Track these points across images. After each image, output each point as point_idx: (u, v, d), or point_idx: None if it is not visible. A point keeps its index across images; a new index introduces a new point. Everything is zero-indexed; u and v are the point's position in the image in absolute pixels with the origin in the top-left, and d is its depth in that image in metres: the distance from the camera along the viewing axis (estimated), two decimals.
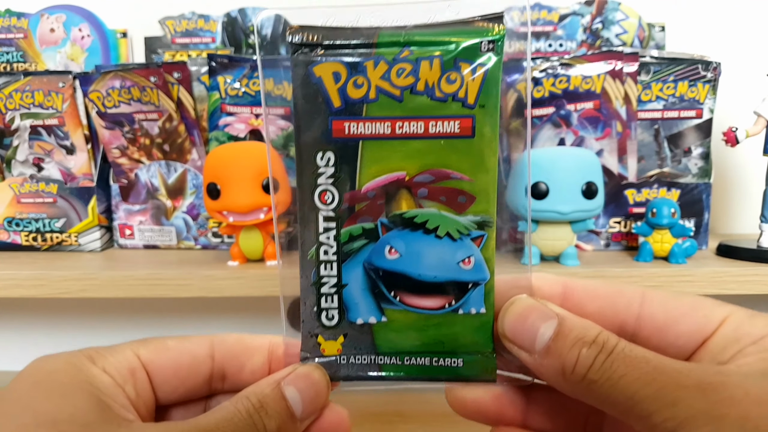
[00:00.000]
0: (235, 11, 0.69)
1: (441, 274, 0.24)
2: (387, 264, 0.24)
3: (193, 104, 0.60)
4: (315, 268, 0.24)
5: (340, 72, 0.23)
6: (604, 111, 0.57)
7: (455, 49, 0.23)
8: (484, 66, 0.23)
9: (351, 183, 0.23)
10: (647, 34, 0.67)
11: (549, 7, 0.68)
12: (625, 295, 0.24)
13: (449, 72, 0.23)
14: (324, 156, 0.23)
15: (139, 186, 0.61)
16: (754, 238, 0.57)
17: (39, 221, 0.61)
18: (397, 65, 0.23)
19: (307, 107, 0.23)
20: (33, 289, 0.52)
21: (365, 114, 0.23)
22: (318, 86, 0.23)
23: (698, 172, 0.59)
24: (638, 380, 0.19)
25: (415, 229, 0.24)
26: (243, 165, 0.51)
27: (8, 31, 0.69)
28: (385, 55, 0.23)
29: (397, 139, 0.23)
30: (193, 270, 0.52)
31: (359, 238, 0.24)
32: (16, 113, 0.61)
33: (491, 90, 0.23)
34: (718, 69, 0.57)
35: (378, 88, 0.23)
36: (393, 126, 0.23)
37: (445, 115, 0.23)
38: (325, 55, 0.23)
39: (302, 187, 0.24)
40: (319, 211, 0.24)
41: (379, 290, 0.24)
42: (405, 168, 0.23)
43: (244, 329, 0.82)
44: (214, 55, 0.59)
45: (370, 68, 0.23)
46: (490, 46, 0.23)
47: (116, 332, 0.75)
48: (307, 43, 0.23)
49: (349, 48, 0.23)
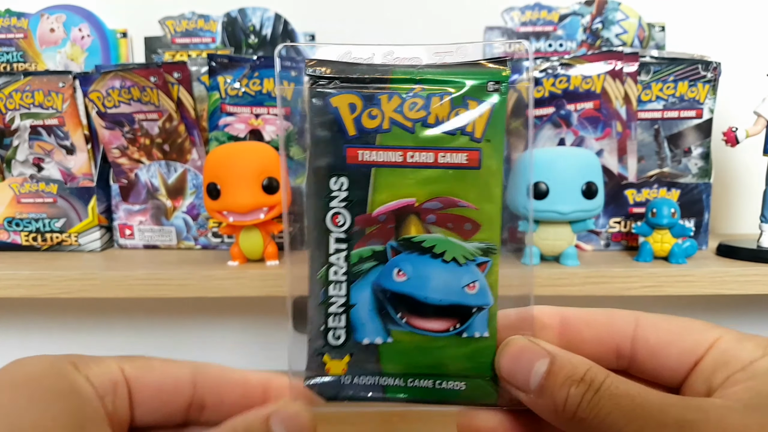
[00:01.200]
0: (235, 11, 0.69)
1: (446, 297, 0.24)
2: (395, 286, 0.25)
3: (193, 104, 0.60)
4: (324, 287, 0.25)
5: (355, 103, 0.24)
6: (604, 111, 0.57)
7: (464, 88, 0.24)
8: (490, 104, 0.24)
9: (362, 207, 0.24)
10: (647, 34, 0.67)
11: (549, 7, 0.68)
12: (620, 320, 0.25)
13: (458, 108, 0.24)
14: (338, 181, 0.24)
15: (139, 186, 0.61)
16: (754, 238, 0.57)
17: (39, 221, 0.61)
18: (410, 100, 0.24)
19: (323, 135, 0.24)
20: (33, 289, 0.52)
21: (378, 143, 0.24)
22: (334, 116, 0.24)
23: (698, 172, 0.59)
24: (623, 417, 0.20)
25: (423, 253, 0.25)
26: (243, 165, 0.51)
27: (8, 31, 0.69)
28: (399, 90, 0.24)
29: (407, 168, 0.24)
30: (193, 270, 0.52)
31: (369, 260, 0.25)
32: (16, 113, 0.61)
33: (497, 126, 0.24)
34: (718, 69, 0.57)
35: (391, 119, 0.24)
36: (404, 155, 0.24)
37: (454, 147, 0.24)
38: (343, 88, 0.24)
39: (315, 209, 0.25)
40: (331, 233, 0.25)
41: (386, 311, 0.25)
42: (415, 195, 0.24)
43: (244, 329, 0.83)
44: (214, 55, 0.59)
45: (384, 101, 0.24)
46: (495, 86, 0.25)
47: (116, 332, 0.75)
48: (325, 76, 0.25)
49: (365, 82, 0.24)
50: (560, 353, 0.23)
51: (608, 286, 0.51)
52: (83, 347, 0.75)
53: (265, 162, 0.52)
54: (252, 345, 0.75)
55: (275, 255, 0.54)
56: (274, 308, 0.75)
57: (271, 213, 0.52)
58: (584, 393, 0.21)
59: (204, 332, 0.75)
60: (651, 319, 0.24)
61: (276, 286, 0.51)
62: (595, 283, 0.51)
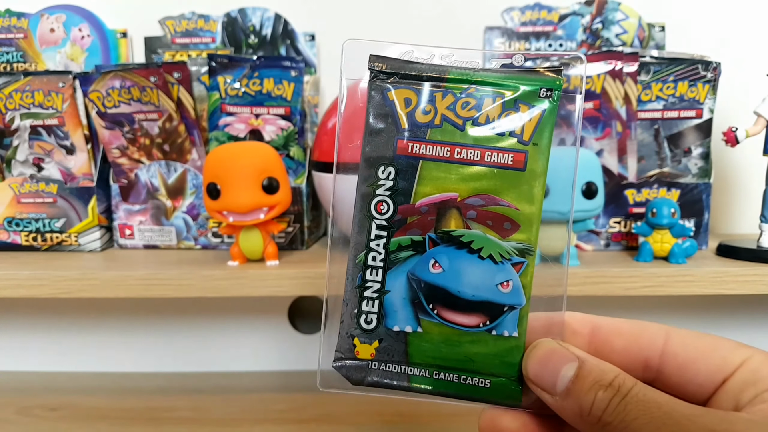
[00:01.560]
0: (235, 11, 0.69)
1: (479, 293, 0.25)
2: (430, 277, 0.25)
3: (193, 104, 0.60)
4: (361, 272, 0.26)
5: (411, 99, 0.26)
6: (604, 111, 0.57)
7: (517, 92, 0.25)
8: (540, 109, 0.25)
9: (407, 197, 0.25)
10: (647, 34, 0.67)
11: (549, 7, 0.68)
12: (649, 333, 0.25)
13: (509, 110, 0.25)
14: (386, 170, 0.26)
15: (139, 186, 0.61)
16: (754, 238, 0.57)
17: (39, 221, 0.61)
18: (463, 99, 0.25)
19: (378, 126, 0.26)
20: (33, 289, 0.52)
21: (428, 137, 0.25)
22: (390, 108, 0.26)
23: (698, 172, 0.59)
24: (649, 424, 0.20)
25: (460, 247, 0.25)
26: (243, 165, 0.51)
27: (8, 31, 0.69)
28: (454, 89, 0.26)
29: (454, 163, 0.25)
30: (193, 270, 0.52)
31: (407, 248, 0.25)
32: (16, 113, 0.61)
33: (545, 131, 0.25)
34: (718, 69, 0.57)
35: (443, 116, 0.25)
36: (452, 151, 0.25)
37: (501, 147, 0.25)
38: (401, 83, 0.26)
39: (362, 196, 0.26)
40: (374, 219, 0.26)
41: (418, 301, 0.25)
42: (458, 190, 0.25)
43: (243, 329, 0.83)
44: (214, 55, 0.59)
45: (438, 98, 0.26)
46: (547, 93, 0.26)
47: (116, 332, 0.75)
48: (386, 72, 0.26)
49: (422, 79, 0.26)
50: (589, 358, 0.23)
51: (608, 286, 0.51)
52: (83, 347, 0.75)
53: (265, 162, 0.52)
54: (252, 345, 0.75)
55: (275, 255, 0.54)
56: (275, 308, 0.75)
57: (271, 213, 0.52)
58: (611, 398, 0.21)
59: (204, 332, 0.75)
60: (681, 334, 0.25)
61: (276, 286, 0.51)
62: (595, 283, 0.51)
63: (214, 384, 0.71)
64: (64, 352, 0.76)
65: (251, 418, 0.62)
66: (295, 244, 0.61)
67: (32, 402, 0.67)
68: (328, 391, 0.26)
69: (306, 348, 0.75)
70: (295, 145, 0.60)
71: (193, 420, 0.62)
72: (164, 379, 0.73)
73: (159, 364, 0.75)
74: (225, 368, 0.75)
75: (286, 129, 0.60)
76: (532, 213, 0.25)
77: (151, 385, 0.71)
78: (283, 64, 0.59)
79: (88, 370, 0.75)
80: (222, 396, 0.68)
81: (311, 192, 0.62)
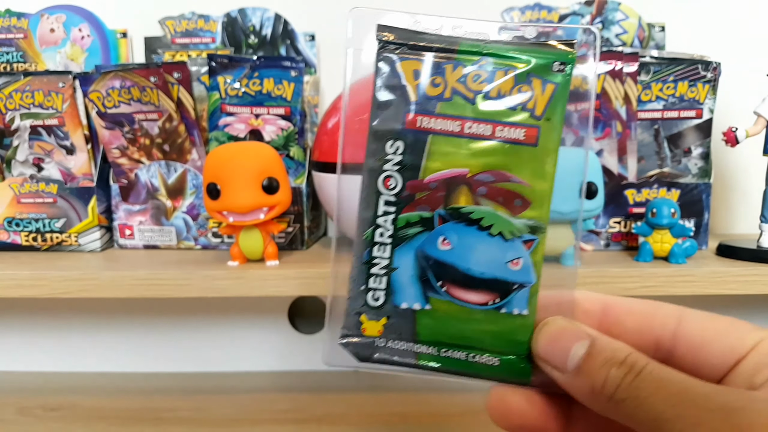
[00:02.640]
0: (235, 11, 0.69)
1: (489, 271, 0.24)
2: (439, 254, 0.25)
3: (193, 104, 0.60)
4: (368, 248, 0.25)
5: (420, 70, 0.25)
6: (603, 111, 0.57)
7: (529, 65, 0.25)
8: (554, 83, 0.25)
9: (415, 172, 0.25)
10: (647, 34, 0.67)
11: (549, 7, 0.68)
12: (662, 313, 0.25)
13: (521, 84, 0.24)
14: (394, 144, 0.25)
15: (139, 186, 0.61)
16: (754, 238, 0.57)
17: (39, 221, 0.61)
18: (474, 71, 0.25)
19: (386, 98, 0.25)
20: (33, 289, 0.53)
21: (438, 111, 0.24)
22: (399, 80, 0.25)
23: (698, 172, 0.59)
24: (664, 401, 0.20)
25: (470, 224, 0.25)
26: (243, 165, 0.51)
27: (8, 31, 0.69)
28: (464, 61, 0.25)
29: (464, 138, 0.24)
30: (193, 270, 0.52)
31: (415, 225, 0.25)
32: (16, 113, 0.61)
33: (558, 106, 0.25)
34: (718, 69, 0.57)
35: (453, 89, 0.24)
36: (462, 125, 0.24)
37: (513, 122, 0.24)
38: (409, 54, 0.25)
39: (369, 171, 0.25)
40: (381, 195, 0.25)
41: (427, 278, 0.25)
42: (468, 165, 0.24)
43: (243, 329, 0.83)
44: (214, 56, 0.59)
45: (448, 70, 0.25)
46: (561, 66, 0.25)
47: (116, 332, 0.75)
48: (394, 42, 0.25)
49: (432, 51, 0.25)
50: (601, 337, 0.23)
51: (608, 286, 0.51)
52: (83, 347, 0.75)
53: (265, 162, 0.52)
54: (252, 345, 0.75)
55: (275, 255, 0.54)
56: (275, 308, 0.75)
57: (271, 213, 0.52)
58: (624, 375, 0.21)
59: (204, 332, 0.75)
60: (696, 315, 0.24)
61: (276, 286, 0.51)
62: (595, 283, 0.51)
63: (215, 384, 0.71)
64: (64, 352, 0.76)
65: (251, 418, 0.62)
66: (295, 244, 0.61)
67: (32, 402, 0.67)
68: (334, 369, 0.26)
69: (306, 348, 0.75)
70: (295, 145, 0.60)
71: (193, 420, 0.62)
72: (164, 379, 0.73)
73: (159, 364, 0.75)
74: (225, 368, 0.75)
75: (286, 129, 0.60)
76: (544, 190, 0.25)
77: (151, 385, 0.71)
78: (283, 64, 0.59)
79: (88, 370, 0.75)
80: (222, 396, 0.68)
81: (311, 192, 0.62)
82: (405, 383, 0.70)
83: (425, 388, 0.68)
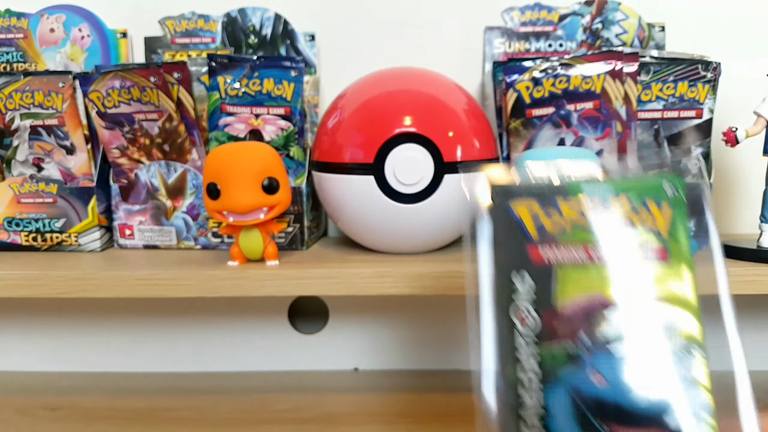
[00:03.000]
0: (235, 11, 0.69)
1: (652, 402, 0.23)
2: (595, 392, 0.23)
3: (193, 104, 0.60)
4: (514, 389, 0.24)
5: (536, 209, 0.26)
6: (604, 111, 0.57)
7: (643, 192, 0.26)
8: (669, 203, 0.26)
9: (549, 304, 0.24)
10: (647, 34, 0.67)
11: (549, 7, 0.68)
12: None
13: (639, 208, 0.26)
14: (521, 279, 0.25)
15: (139, 186, 0.61)
16: (753, 238, 0.57)
17: (39, 221, 0.61)
18: (590, 203, 0.26)
19: (507, 238, 0.26)
20: (33, 289, 0.53)
21: (561, 243, 0.25)
22: (516, 220, 0.26)
23: (698, 172, 0.59)
24: None
25: (620, 354, 0.23)
26: (243, 165, 0.51)
27: (8, 31, 0.69)
28: (577, 195, 0.26)
29: (592, 264, 0.25)
30: (193, 270, 0.52)
31: (561, 360, 0.24)
32: (16, 113, 0.61)
33: (679, 223, 0.26)
34: (718, 69, 0.57)
35: (572, 221, 0.26)
36: (588, 252, 0.25)
37: (639, 242, 0.25)
38: (523, 195, 0.26)
39: (500, 307, 0.25)
40: (516, 329, 0.24)
41: (588, 421, 0.23)
42: (603, 290, 0.24)
43: (243, 329, 0.83)
44: (214, 55, 0.59)
45: (563, 205, 0.26)
46: (674, 190, 0.26)
47: (116, 332, 0.75)
48: (507, 187, 0.26)
49: (543, 190, 0.26)
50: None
51: None
52: (84, 347, 0.75)
53: (265, 162, 0.52)
54: (252, 345, 0.75)
55: (275, 255, 0.54)
56: (275, 308, 0.75)
57: (271, 213, 0.52)
58: None
59: (204, 332, 0.75)
60: None
61: (276, 286, 0.51)
62: None
63: (214, 384, 0.71)
64: (64, 352, 0.76)
65: (251, 418, 0.62)
66: (295, 244, 0.61)
67: (32, 402, 0.67)
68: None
69: (306, 348, 0.75)
70: (295, 145, 0.60)
71: (193, 420, 0.62)
72: (164, 379, 0.73)
73: (159, 364, 0.75)
74: (225, 368, 0.75)
75: (286, 129, 0.60)
76: (691, 306, 0.24)
77: (151, 385, 0.71)
78: (283, 64, 0.59)
79: (88, 370, 0.75)
80: (222, 396, 0.68)
81: (311, 192, 0.62)
82: (405, 383, 0.71)
83: (425, 388, 0.68)
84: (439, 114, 0.54)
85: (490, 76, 0.63)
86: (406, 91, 0.56)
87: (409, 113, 0.53)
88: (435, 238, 0.57)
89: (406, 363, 0.75)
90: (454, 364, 0.74)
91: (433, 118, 0.53)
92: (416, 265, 0.53)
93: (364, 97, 0.56)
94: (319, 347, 0.75)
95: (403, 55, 0.70)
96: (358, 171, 0.52)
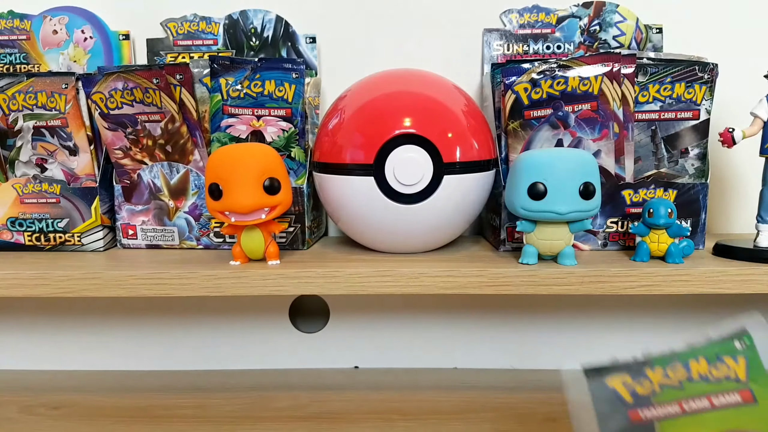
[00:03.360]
0: (237, 13, 0.70)
1: None
2: None
3: (195, 105, 0.61)
4: None
5: (627, 381, 0.32)
6: (601, 112, 0.57)
7: (716, 350, 0.31)
8: (743, 355, 0.31)
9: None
10: (644, 35, 0.68)
11: (547, 9, 0.68)
12: None
13: (716, 363, 0.31)
14: None
15: (141, 186, 0.62)
16: (750, 238, 0.57)
17: (42, 221, 0.62)
18: (671, 367, 0.32)
19: (606, 408, 0.31)
20: (36, 289, 0.53)
21: (655, 402, 0.31)
22: (612, 393, 0.32)
23: (695, 172, 0.59)
24: None
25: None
26: (245, 166, 0.51)
27: (11, 32, 0.69)
28: (661, 365, 0.32)
29: (687, 416, 0.30)
30: (195, 269, 0.53)
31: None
32: (19, 114, 0.61)
33: (756, 369, 0.30)
34: (714, 70, 0.57)
35: (660, 384, 0.31)
36: (681, 406, 0.31)
37: (725, 391, 0.30)
38: (613, 371, 0.33)
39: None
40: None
41: None
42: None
43: (245, 328, 0.83)
44: (215, 57, 0.60)
45: (650, 373, 0.32)
46: (743, 344, 0.31)
47: (119, 331, 0.76)
48: (601, 367, 0.33)
49: (631, 366, 0.33)
50: None
51: (605, 286, 0.51)
52: (86, 347, 0.76)
53: (267, 163, 0.52)
54: (253, 344, 0.76)
55: (276, 255, 0.55)
56: (275, 308, 0.75)
57: (273, 213, 0.53)
58: None
59: (205, 331, 0.75)
60: None
61: (277, 286, 0.52)
62: (593, 283, 0.51)
63: (216, 382, 0.72)
64: (67, 351, 0.76)
65: (252, 416, 0.63)
66: (296, 244, 0.61)
67: (35, 400, 0.67)
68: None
69: (307, 346, 0.76)
70: (296, 146, 0.61)
71: (194, 418, 0.63)
72: (166, 377, 0.73)
73: (161, 363, 0.76)
74: (226, 367, 0.76)
75: (287, 130, 0.60)
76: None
77: (154, 383, 0.72)
78: (284, 66, 0.60)
79: (91, 368, 0.76)
80: (223, 394, 0.68)
81: (312, 192, 0.62)
82: (405, 382, 0.71)
83: (425, 387, 0.69)
84: (438, 115, 0.54)
85: (488, 77, 0.63)
86: (406, 93, 0.56)
87: (409, 114, 0.53)
88: (435, 238, 0.58)
89: (406, 361, 0.75)
90: (453, 362, 0.74)
91: (433, 120, 0.54)
92: (416, 265, 0.53)
93: (365, 98, 0.56)
94: (320, 345, 0.76)
95: (403, 57, 0.70)
96: (358, 172, 0.53)
